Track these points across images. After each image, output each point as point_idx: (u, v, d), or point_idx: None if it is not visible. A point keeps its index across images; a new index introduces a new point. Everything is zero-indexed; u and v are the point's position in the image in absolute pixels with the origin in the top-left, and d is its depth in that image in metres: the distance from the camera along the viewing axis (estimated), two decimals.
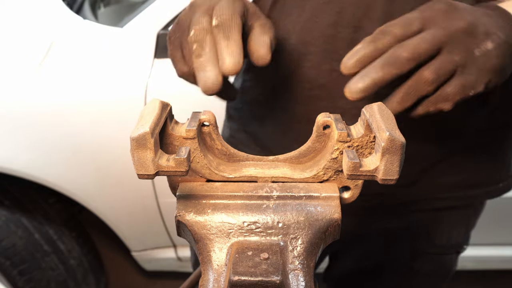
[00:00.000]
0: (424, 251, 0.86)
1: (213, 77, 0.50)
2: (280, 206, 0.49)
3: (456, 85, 0.50)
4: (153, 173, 0.44)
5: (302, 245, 0.48)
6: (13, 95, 1.32)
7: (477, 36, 0.50)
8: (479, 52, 0.50)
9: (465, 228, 0.88)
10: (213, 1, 0.54)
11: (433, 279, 0.91)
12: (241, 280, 0.42)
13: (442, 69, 0.49)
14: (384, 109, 0.47)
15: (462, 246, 0.90)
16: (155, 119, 0.45)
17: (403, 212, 0.81)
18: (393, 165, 0.44)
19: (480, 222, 1.60)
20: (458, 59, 0.49)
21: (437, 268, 0.89)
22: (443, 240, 0.85)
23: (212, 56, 0.51)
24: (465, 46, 0.50)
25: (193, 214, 0.49)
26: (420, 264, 0.87)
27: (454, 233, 0.86)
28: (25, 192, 1.49)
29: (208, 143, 0.53)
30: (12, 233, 1.43)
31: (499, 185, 0.83)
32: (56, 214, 1.55)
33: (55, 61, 1.35)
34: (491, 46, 0.50)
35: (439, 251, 0.87)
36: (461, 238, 0.88)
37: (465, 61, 0.50)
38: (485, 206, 0.92)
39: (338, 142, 0.49)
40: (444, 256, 0.89)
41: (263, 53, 0.53)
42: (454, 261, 0.92)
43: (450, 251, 0.89)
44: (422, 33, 0.49)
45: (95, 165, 1.40)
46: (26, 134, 1.33)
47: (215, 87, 0.50)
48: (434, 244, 0.85)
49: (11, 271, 1.44)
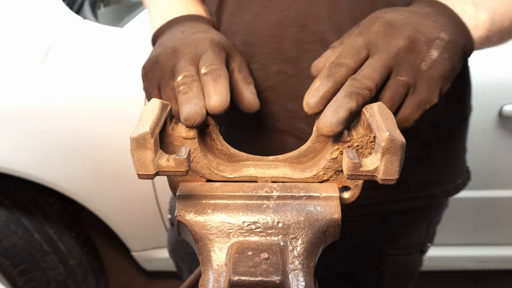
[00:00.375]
0: (388, 253, 0.85)
1: (197, 109, 0.49)
2: (280, 206, 0.49)
3: (411, 105, 0.51)
4: (153, 173, 0.44)
5: (302, 245, 0.48)
6: (13, 95, 1.32)
7: (420, 49, 0.50)
8: (426, 66, 0.50)
9: (426, 227, 0.87)
10: (198, 50, 0.55)
11: (398, 280, 0.91)
12: (241, 280, 0.42)
13: (395, 94, 0.50)
14: (384, 109, 0.47)
15: (425, 245, 0.90)
16: (155, 119, 0.45)
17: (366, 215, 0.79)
18: (393, 165, 0.44)
19: (480, 222, 1.60)
20: (407, 80, 0.50)
21: (402, 268, 0.89)
22: (405, 241, 0.85)
23: (199, 94, 0.51)
24: (411, 64, 0.50)
25: (193, 214, 0.49)
26: (385, 266, 0.86)
27: (416, 233, 0.85)
28: (25, 192, 1.49)
29: (208, 143, 0.53)
30: (12, 233, 1.43)
31: (457, 182, 0.83)
32: (56, 214, 1.55)
33: (55, 61, 1.35)
34: (436, 54, 0.50)
35: (403, 252, 0.87)
36: (424, 238, 0.88)
37: (414, 80, 0.50)
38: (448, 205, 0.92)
39: (338, 142, 0.49)
40: (408, 257, 0.88)
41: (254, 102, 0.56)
42: (418, 261, 0.92)
43: (413, 251, 0.88)
44: (370, 60, 0.50)
45: (95, 165, 1.40)
46: (26, 134, 1.33)
47: (198, 117, 0.48)
48: (397, 245, 0.85)
49: (11, 271, 1.44)
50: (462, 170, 0.85)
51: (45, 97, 1.32)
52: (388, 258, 0.86)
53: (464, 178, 0.85)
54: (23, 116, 1.32)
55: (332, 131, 0.47)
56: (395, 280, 0.91)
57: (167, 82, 0.55)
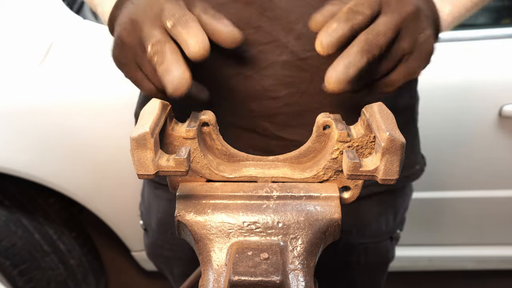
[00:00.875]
0: (357, 243, 0.85)
1: (179, 74, 0.47)
2: (280, 206, 0.49)
3: (401, 72, 0.52)
4: (153, 173, 0.44)
5: (302, 245, 0.48)
6: (13, 95, 1.32)
7: (421, 21, 0.52)
8: (422, 38, 0.52)
9: (394, 215, 0.87)
10: (155, 10, 0.51)
11: (372, 269, 0.91)
12: (241, 280, 0.43)
13: (395, 58, 0.51)
14: (384, 109, 0.47)
15: (394, 232, 0.90)
16: (155, 119, 0.45)
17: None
18: (393, 165, 0.44)
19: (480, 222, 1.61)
20: (406, 47, 0.51)
21: (374, 257, 0.88)
22: (373, 229, 0.85)
23: (175, 57, 0.48)
24: (413, 33, 0.51)
25: (193, 214, 0.49)
26: (356, 257, 0.86)
27: (382, 220, 0.85)
28: (25, 192, 1.49)
29: (208, 143, 0.53)
30: (12, 233, 1.43)
31: (415, 167, 0.83)
32: (56, 214, 1.55)
33: (55, 61, 1.35)
34: (430, 31, 0.52)
35: (371, 240, 0.86)
36: (392, 224, 0.88)
37: (411, 48, 0.51)
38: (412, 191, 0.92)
39: (338, 142, 0.49)
40: (378, 245, 0.88)
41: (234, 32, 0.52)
42: (390, 248, 0.91)
43: (382, 239, 0.88)
44: (383, 17, 0.50)
45: (95, 165, 1.40)
46: (26, 134, 1.33)
47: (184, 82, 0.47)
48: (364, 235, 0.84)
49: (11, 271, 1.44)
50: (419, 156, 0.86)
51: (45, 97, 1.32)
52: (358, 247, 0.85)
53: (421, 164, 0.86)
54: (24, 116, 1.32)
55: (340, 88, 0.47)
56: (369, 270, 0.90)
57: (142, 58, 0.52)
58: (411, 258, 1.69)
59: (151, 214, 0.89)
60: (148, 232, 0.93)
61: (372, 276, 0.94)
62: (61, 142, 1.35)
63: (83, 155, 1.38)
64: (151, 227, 0.91)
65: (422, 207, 1.54)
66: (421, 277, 1.85)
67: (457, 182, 1.51)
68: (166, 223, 0.85)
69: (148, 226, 0.92)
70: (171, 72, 0.47)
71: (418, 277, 1.85)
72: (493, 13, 1.67)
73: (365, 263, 0.87)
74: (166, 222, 0.85)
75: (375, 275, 0.94)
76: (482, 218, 1.61)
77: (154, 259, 0.98)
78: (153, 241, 0.92)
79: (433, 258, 1.70)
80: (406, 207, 0.91)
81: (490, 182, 1.51)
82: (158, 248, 0.92)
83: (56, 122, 1.34)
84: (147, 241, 0.95)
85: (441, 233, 1.66)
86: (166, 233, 0.87)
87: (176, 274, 0.95)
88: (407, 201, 0.91)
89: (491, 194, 1.53)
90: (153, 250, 0.94)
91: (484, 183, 1.52)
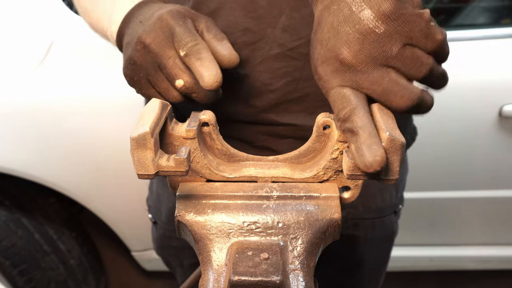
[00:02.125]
0: (363, 218, 0.87)
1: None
2: (280, 206, 0.49)
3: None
4: (153, 173, 0.44)
5: (302, 245, 0.48)
6: (13, 95, 1.32)
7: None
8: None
9: (395, 188, 0.90)
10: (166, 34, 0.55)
11: (378, 243, 0.93)
12: (241, 280, 0.42)
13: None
14: (384, 109, 0.47)
15: (397, 206, 0.93)
16: (155, 119, 0.45)
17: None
18: (393, 165, 0.44)
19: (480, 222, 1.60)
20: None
21: (380, 231, 0.91)
22: (378, 203, 0.87)
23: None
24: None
25: (193, 214, 0.49)
26: (363, 231, 0.88)
27: (386, 195, 0.88)
28: (25, 192, 1.49)
29: (208, 143, 0.53)
30: (12, 233, 1.43)
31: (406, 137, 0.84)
32: (56, 214, 1.55)
33: (55, 61, 1.35)
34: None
35: (377, 215, 0.89)
36: (395, 199, 0.90)
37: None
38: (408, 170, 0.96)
39: (338, 142, 0.49)
40: (383, 219, 0.90)
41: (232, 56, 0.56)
42: (394, 222, 0.94)
43: (387, 213, 0.91)
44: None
45: (95, 165, 1.40)
46: (26, 134, 1.33)
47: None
48: (371, 209, 0.87)
49: (11, 271, 1.44)
50: (411, 127, 0.88)
51: (45, 97, 1.32)
52: (365, 223, 0.87)
53: (412, 133, 0.88)
54: (24, 116, 1.32)
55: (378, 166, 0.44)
56: (375, 245, 0.93)
57: (155, 77, 0.56)
58: (412, 258, 1.69)
59: (161, 205, 0.90)
60: (157, 224, 0.94)
61: (379, 252, 0.96)
62: (61, 142, 1.35)
63: (83, 155, 1.38)
64: (160, 219, 0.92)
65: (422, 207, 1.54)
66: (422, 277, 1.85)
67: (457, 182, 1.51)
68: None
69: (157, 219, 0.94)
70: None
71: (419, 277, 1.85)
72: (493, 13, 1.67)
73: (372, 239, 0.89)
74: None
75: (381, 251, 0.97)
76: (482, 218, 1.61)
77: (163, 253, 0.99)
78: (162, 233, 0.93)
79: (434, 258, 1.70)
80: (404, 184, 0.95)
81: (490, 182, 1.51)
82: (167, 240, 0.93)
83: (56, 122, 1.34)
84: (156, 235, 0.96)
85: (442, 233, 1.66)
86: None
87: (185, 265, 0.96)
88: (405, 178, 0.95)
89: (491, 194, 1.53)
90: (162, 242, 0.95)
91: (484, 183, 1.52)
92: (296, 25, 0.65)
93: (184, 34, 0.54)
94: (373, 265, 0.97)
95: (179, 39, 0.54)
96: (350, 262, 0.92)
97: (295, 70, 0.67)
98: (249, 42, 0.65)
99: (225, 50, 0.56)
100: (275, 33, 0.65)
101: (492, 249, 1.69)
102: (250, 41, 0.65)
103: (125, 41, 0.60)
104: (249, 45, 0.66)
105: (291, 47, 0.65)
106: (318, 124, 0.52)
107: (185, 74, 0.54)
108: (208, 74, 0.52)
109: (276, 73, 0.67)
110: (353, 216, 0.85)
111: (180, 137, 0.49)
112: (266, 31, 0.65)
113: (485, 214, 1.59)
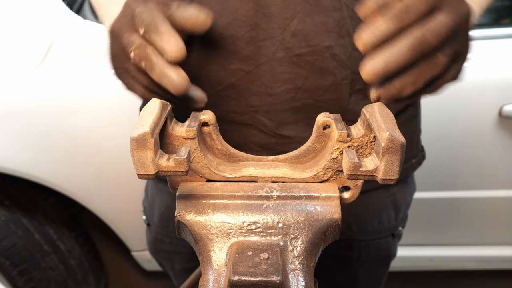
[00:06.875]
0: (357, 239, 0.85)
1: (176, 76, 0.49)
2: (280, 206, 0.49)
3: (457, 70, 0.51)
4: (153, 173, 0.44)
5: (302, 245, 0.48)
6: (13, 95, 1.32)
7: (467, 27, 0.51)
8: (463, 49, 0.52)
9: (395, 211, 0.86)
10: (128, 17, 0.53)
11: (373, 264, 0.91)
12: (241, 280, 0.42)
13: (453, 54, 0.49)
14: (384, 109, 0.47)
15: (397, 228, 0.89)
16: (155, 119, 0.45)
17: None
18: (393, 165, 0.44)
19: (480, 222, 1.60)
20: (460, 48, 0.50)
21: (375, 253, 0.88)
22: (374, 225, 0.84)
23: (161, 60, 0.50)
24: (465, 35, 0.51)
25: (193, 214, 0.49)
26: (357, 252, 0.86)
27: (383, 216, 0.85)
28: (25, 192, 1.49)
29: (208, 143, 0.53)
30: (12, 233, 1.43)
31: (412, 161, 0.82)
32: (56, 214, 1.55)
33: (55, 61, 1.35)
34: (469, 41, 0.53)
35: (373, 237, 0.86)
36: (394, 221, 0.87)
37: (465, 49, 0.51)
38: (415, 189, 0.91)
39: (338, 142, 0.49)
40: (379, 241, 0.88)
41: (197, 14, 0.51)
42: (392, 245, 0.91)
43: (384, 235, 0.88)
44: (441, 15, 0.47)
45: (95, 165, 1.40)
46: (26, 134, 1.33)
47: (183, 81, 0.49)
48: (366, 231, 0.84)
49: (11, 271, 1.44)
50: (418, 150, 0.84)
51: (45, 97, 1.32)
52: (359, 244, 0.85)
53: (419, 157, 0.85)
54: (23, 116, 1.32)
55: (369, 79, 0.45)
56: (371, 265, 0.90)
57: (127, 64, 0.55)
58: (412, 258, 1.69)
59: (154, 208, 0.90)
60: (151, 227, 0.94)
61: (373, 272, 0.94)
62: (61, 142, 1.35)
63: (83, 155, 1.38)
64: (153, 221, 0.92)
65: (422, 207, 1.54)
66: (421, 277, 1.85)
67: (457, 182, 1.51)
68: (167, 217, 0.86)
69: (150, 221, 0.93)
70: (168, 76, 0.49)
71: (419, 277, 1.85)
72: (493, 13, 1.67)
73: (366, 259, 0.88)
74: (168, 216, 0.86)
75: (376, 271, 0.94)
76: (483, 218, 1.61)
77: (156, 255, 0.98)
78: (154, 236, 0.93)
79: (434, 258, 1.70)
80: (408, 204, 0.91)
81: (490, 182, 1.51)
82: (159, 243, 0.93)
83: (56, 122, 1.34)
84: (149, 237, 0.96)
85: (442, 233, 1.66)
86: (168, 227, 0.88)
87: (177, 269, 0.96)
88: (410, 198, 0.90)
89: (491, 194, 1.53)
90: (155, 245, 0.95)
91: (484, 183, 1.51)
92: (307, 31, 0.62)
93: (141, 13, 0.52)
94: (367, 284, 0.94)
95: (137, 19, 0.52)
96: (343, 279, 0.90)
97: (298, 78, 0.65)
98: (256, 39, 0.63)
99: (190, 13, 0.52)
100: (283, 36, 0.63)
101: (492, 249, 1.69)
102: (257, 38, 0.63)
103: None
104: (256, 41, 0.63)
105: (297, 53, 0.63)
106: (318, 124, 0.52)
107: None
108: (168, 46, 0.48)
109: (278, 78, 0.65)
110: (347, 236, 0.83)
111: (180, 137, 0.50)
112: (275, 32, 0.63)
113: (484, 214, 1.59)
